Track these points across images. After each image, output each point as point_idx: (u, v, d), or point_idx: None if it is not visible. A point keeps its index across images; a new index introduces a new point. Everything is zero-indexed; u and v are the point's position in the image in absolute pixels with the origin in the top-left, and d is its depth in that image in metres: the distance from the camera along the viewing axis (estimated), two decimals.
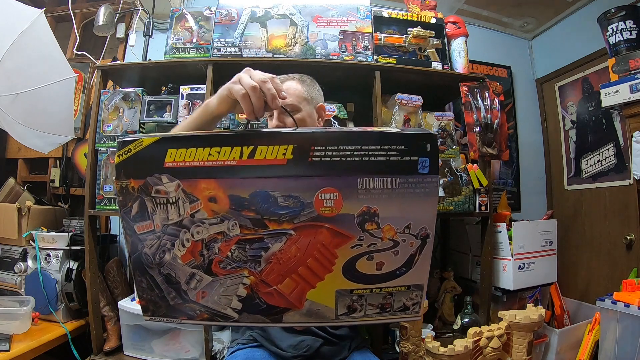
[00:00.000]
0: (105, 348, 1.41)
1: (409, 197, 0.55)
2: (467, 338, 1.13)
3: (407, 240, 0.57)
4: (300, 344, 0.93)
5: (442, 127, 1.53)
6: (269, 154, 0.54)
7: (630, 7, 1.53)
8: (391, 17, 1.62)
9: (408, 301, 0.61)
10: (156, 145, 0.55)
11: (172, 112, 1.47)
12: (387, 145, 0.54)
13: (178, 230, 0.57)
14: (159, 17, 1.89)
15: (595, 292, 1.72)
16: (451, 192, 1.48)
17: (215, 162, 0.54)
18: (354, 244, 0.56)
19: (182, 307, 0.61)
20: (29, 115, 1.53)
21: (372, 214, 0.55)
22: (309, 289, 0.58)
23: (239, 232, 0.56)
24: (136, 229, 0.57)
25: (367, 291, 0.59)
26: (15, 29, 1.39)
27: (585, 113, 1.96)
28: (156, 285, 0.60)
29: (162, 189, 0.55)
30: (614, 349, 1.27)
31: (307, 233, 0.56)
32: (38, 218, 1.61)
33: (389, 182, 0.54)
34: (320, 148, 0.53)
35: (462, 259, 1.80)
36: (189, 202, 0.56)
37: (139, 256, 0.59)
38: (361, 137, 0.55)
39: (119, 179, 0.56)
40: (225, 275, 0.58)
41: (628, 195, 1.68)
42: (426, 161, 0.54)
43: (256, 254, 0.57)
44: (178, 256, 0.58)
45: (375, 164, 0.54)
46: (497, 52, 2.25)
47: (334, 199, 0.54)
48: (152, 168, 0.55)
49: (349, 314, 0.60)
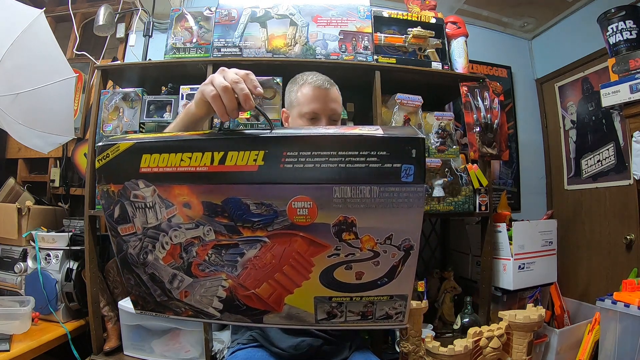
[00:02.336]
0: (105, 348, 1.41)
1: (390, 207, 0.50)
2: (467, 338, 1.13)
3: (389, 252, 0.53)
4: (301, 344, 0.93)
5: (442, 127, 1.53)
6: (240, 160, 0.51)
7: (630, 7, 1.53)
8: (391, 17, 1.62)
9: (391, 310, 0.58)
10: (131, 150, 0.55)
11: (172, 112, 1.47)
12: (367, 151, 0.49)
13: (157, 233, 0.57)
14: (159, 17, 1.89)
15: (595, 292, 1.72)
16: (451, 192, 1.48)
17: (187, 167, 0.53)
18: (331, 254, 0.54)
19: (168, 304, 0.62)
20: (29, 115, 1.53)
21: (349, 224, 0.52)
22: (286, 294, 0.57)
23: (214, 238, 0.56)
24: (120, 230, 0.58)
25: (346, 299, 0.57)
26: (15, 28, 1.39)
27: (585, 113, 1.96)
28: (142, 283, 0.61)
29: (140, 194, 0.55)
30: (614, 349, 1.27)
31: (282, 241, 0.54)
32: (38, 218, 1.61)
33: (368, 191, 0.50)
34: (293, 154, 0.50)
35: (462, 259, 1.80)
36: (165, 207, 0.55)
37: (124, 256, 0.60)
38: (338, 141, 0.51)
39: (99, 183, 0.57)
40: (205, 277, 0.58)
41: (628, 195, 1.68)
42: (410, 169, 0.49)
43: (232, 259, 0.56)
44: (159, 257, 0.58)
45: (352, 172, 0.49)
46: (497, 52, 2.25)
47: (308, 208, 0.51)
48: (129, 173, 0.55)
49: (329, 319, 0.59)
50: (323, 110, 0.95)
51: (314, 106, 0.95)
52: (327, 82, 1.00)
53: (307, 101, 0.96)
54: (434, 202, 1.45)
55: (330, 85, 1.01)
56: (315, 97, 0.96)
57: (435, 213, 1.46)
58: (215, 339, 1.41)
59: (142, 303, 0.63)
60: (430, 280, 1.65)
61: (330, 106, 0.96)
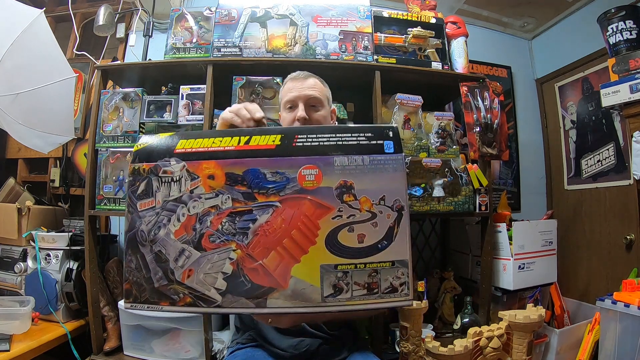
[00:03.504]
0: (105, 348, 1.41)
1: (380, 172, 0.63)
2: (467, 338, 1.13)
3: (384, 212, 0.63)
4: (300, 344, 0.93)
5: (442, 127, 1.53)
6: (261, 141, 0.65)
7: (630, 7, 1.53)
8: (391, 17, 1.62)
9: (395, 280, 0.63)
10: (171, 137, 0.68)
11: (172, 112, 1.47)
12: (357, 133, 0.65)
13: (176, 205, 0.65)
14: (159, 17, 1.89)
15: (595, 292, 1.72)
16: (451, 192, 1.48)
17: (217, 147, 0.65)
18: (335, 215, 0.62)
19: (166, 290, 0.63)
20: (29, 115, 1.53)
21: (348, 186, 0.63)
22: (293, 263, 0.62)
23: (231, 205, 0.64)
24: (139, 206, 0.65)
25: (351, 267, 0.62)
26: (15, 28, 1.39)
27: (585, 113, 1.96)
28: (145, 264, 0.64)
29: (169, 169, 0.65)
30: (614, 349, 1.27)
31: (292, 204, 0.62)
32: (38, 218, 1.61)
33: (361, 159, 0.63)
34: (302, 137, 0.65)
35: (462, 259, 1.80)
36: (190, 180, 0.65)
37: (134, 234, 0.65)
38: (335, 129, 0.67)
39: (134, 162, 0.67)
40: (214, 249, 0.63)
41: (628, 195, 1.68)
42: (390, 143, 0.64)
43: (244, 226, 0.63)
44: (172, 231, 0.64)
45: (348, 147, 0.64)
46: (497, 52, 2.25)
47: (315, 174, 0.63)
48: (164, 154, 0.66)
49: (335, 295, 0.62)
50: (299, 97, 1.02)
51: (291, 95, 1.03)
52: (303, 74, 1.07)
53: (286, 93, 1.05)
54: (434, 202, 1.45)
55: (307, 76, 1.06)
56: (292, 87, 1.04)
57: (435, 213, 1.46)
58: (215, 339, 1.41)
59: (137, 292, 0.64)
60: (430, 280, 1.65)
61: (305, 92, 1.02)
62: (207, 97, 1.42)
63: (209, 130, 0.67)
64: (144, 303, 0.64)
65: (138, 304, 0.64)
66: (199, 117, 1.43)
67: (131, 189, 0.66)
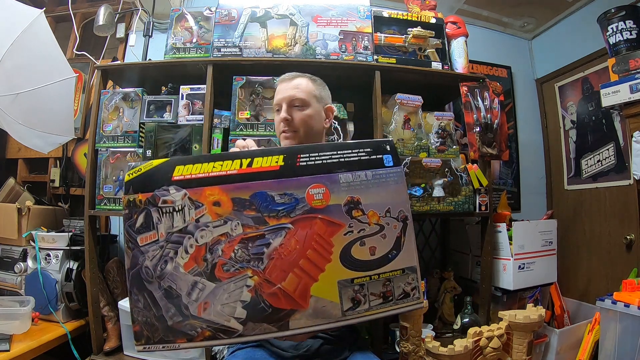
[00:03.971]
0: (105, 348, 1.41)
1: (383, 185, 0.66)
2: (467, 338, 1.13)
3: (391, 224, 0.66)
4: (301, 344, 0.93)
5: (442, 127, 1.53)
6: (264, 163, 0.64)
7: (630, 7, 1.53)
8: (391, 17, 1.62)
9: (406, 286, 0.65)
10: (166, 163, 0.64)
11: (172, 112, 1.47)
12: (357, 149, 0.67)
13: (182, 237, 0.62)
14: (159, 17, 1.89)
15: (595, 292, 1.72)
16: (451, 192, 1.47)
17: (219, 172, 0.63)
18: (346, 231, 0.64)
19: (182, 326, 0.60)
20: (29, 115, 1.53)
21: (356, 202, 0.65)
22: (312, 283, 0.62)
23: (241, 231, 0.62)
24: (139, 240, 0.62)
25: (366, 279, 0.64)
26: (15, 29, 1.39)
27: (585, 113, 1.96)
28: (154, 302, 0.60)
29: (169, 199, 0.62)
30: (614, 349, 1.27)
31: (304, 225, 0.63)
32: (38, 218, 1.61)
33: (364, 174, 0.66)
34: (305, 156, 0.65)
35: (462, 259, 1.80)
36: (195, 208, 0.62)
37: (138, 271, 0.61)
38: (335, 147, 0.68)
39: (127, 193, 0.63)
40: (229, 279, 0.61)
41: (628, 195, 1.68)
42: (389, 157, 0.67)
43: (259, 251, 0.62)
44: (181, 264, 0.61)
45: (350, 163, 0.66)
46: (497, 52, 2.25)
47: (323, 193, 0.64)
48: (161, 182, 0.63)
49: (354, 308, 0.63)
50: (282, 99, 1.03)
51: (277, 97, 1.04)
52: (290, 75, 1.07)
53: (275, 95, 1.06)
54: (434, 202, 1.45)
55: (293, 76, 1.06)
56: (279, 89, 1.05)
57: (435, 213, 1.46)
58: None
59: (149, 332, 0.60)
60: (430, 280, 1.65)
61: (288, 94, 1.02)
62: (207, 97, 1.42)
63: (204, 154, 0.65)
64: (158, 343, 0.60)
65: (151, 344, 0.60)
66: (199, 117, 1.43)
67: (128, 222, 0.62)
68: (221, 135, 1.42)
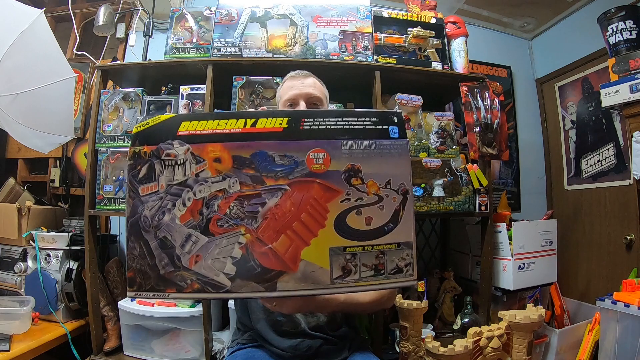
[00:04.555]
0: (105, 348, 1.41)
1: (386, 156, 0.65)
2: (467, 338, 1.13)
3: (390, 196, 0.64)
4: (300, 344, 0.93)
5: (442, 127, 1.53)
6: (268, 124, 0.64)
7: (630, 7, 1.53)
8: (391, 17, 1.62)
9: (400, 261, 0.64)
10: (172, 119, 0.65)
11: (172, 112, 1.47)
12: (363, 118, 0.66)
13: (181, 189, 0.63)
14: (159, 17, 1.89)
15: (595, 292, 1.72)
16: (451, 192, 1.47)
17: (223, 129, 0.63)
18: (343, 198, 0.63)
19: (173, 277, 0.62)
20: (29, 115, 1.53)
21: (356, 170, 0.64)
22: (303, 246, 0.62)
23: (239, 189, 0.62)
24: (140, 190, 0.63)
25: (359, 249, 0.63)
26: (15, 28, 1.39)
27: (585, 113, 1.96)
28: (149, 251, 0.62)
29: (172, 152, 0.63)
30: (614, 349, 1.27)
31: (301, 188, 0.63)
32: (38, 218, 1.61)
33: (367, 144, 0.64)
34: (309, 120, 0.64)
35: (462, 259, 1.80)
36: (196, 163, 0.63)
37: (136, 220, 0.62)
38: (342, 113, 0.67)
39: (134, 145, 0.64)
40: (222, 234, 0.62)
41: (628, 195, 1.68)
42: (395, 129, 0.66)
43: (253, 210, 0.62)
44: (177, 216, 0.62)
45: (354, 131, 0.65)
46: (497, 52, 2.25)
47: (323, 158, 0.63)
48: (166, 136, 0.64)
49: (344, 276, 0.63)
50: (300, 95, 1.03)
51: (292, 93, 1.04)
52: (302, 73, 1.09)
53: (286, 90, 1.06)
54: (434, 202, 1.45)
55: (306, 75, 1.09)
56: (292, 85, 1.06)
57: (435, 213, 1.46)
58: (215, 339, 1.41)
59: (141, 280, 0.62)
60: (430, 280, 1.65)
61: (305, 90, 1.04)
62: (207, 97, 1.42)
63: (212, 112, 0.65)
64: (149, 291, 0.62)
65: (143, 292, 0.62)
66: None
67: (132, 173, 0.63)
68: None
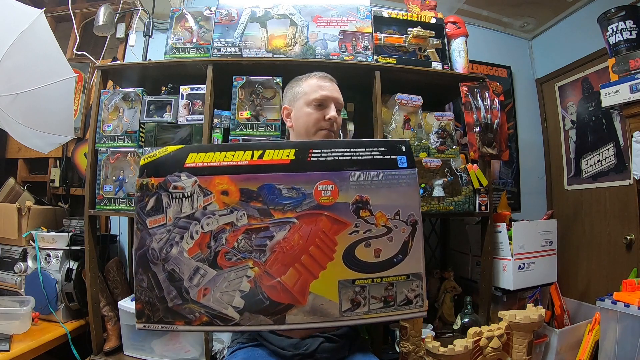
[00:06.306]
0: (105, 348, 1.41)
1: (394, 187, 0.64)
2: (467, 338, 1.13)
3: (399, 227, 0.64)
4: (300, 343, 0.93)
5: (442, 127, 1.53)
6: (275, 156, 0.64)
7: (630, 7, 1.53)
8: (391, 17, 1.62)
9: (410, 293, 0.64)
10: (180, 150, 0.65)
11: (172, 112, 1.47)
12: (371, 148, 0.66)
13: (189, 222, 0.63)
14: (159, 17, 1.89)
15: (595, 292, 1.72)
16: (451, 192, 1.47)
17: (230, 162, 0.64)
18: (352, 230, 0.63)
19: (181, 309, 0.62)
20: (29, 115, 1.53)
21: (364, 202, 0.63)
22: (312, 279, 0.62)
23: (246, 222, 0.63)
24: (148, 223, 0.63)
25: (368, 281, 0.63)
26: (15, 28, 1.39)
27: (585, 113, 1.96)
28: (157, 284, 0.62)
29: (180, 185, 0.64)
30: (614, 349, 1.27)
31: (309, 221, 0.63)
32: (38, 218, 1.61)
33: (376, 175, 0.64)
34: (317, 151, 0.65)
35: (462, 259, 1.80)
36: (203, 196, 0.63)
37: (144, 252, 0.62)
38: (349, 144, 0.67)
39: (141, 176, 0.65)
40: (230, 267, 0.62)
41: (628, 195, 1.68)
42: (404, 158, 0.66)
43: (261, 243, 0.63)
44: (185, 249, 0.62)
45: (362, 162, 0.65)
46: (497, 52, 2.25)
47: (331, 190, 0.63)
48: (173, 168, 0.64)
49: (353, 309, 0.62)
50: (331, 98, 1.02)
51: (323, 93, 1.02)
52: (329, 76, 1.09)
53: (315, 89, 1.03)
54: (434, 202, 1.45)
55: (332, 79, 1.09)
56: (323, 86, 1.03)
57: (435, 213, 1.46)
58: (215, 339, 1.41)
59: (150, 312, 0.62)
60: (430, 280, 1.65)
61: (335, 95, 1.03)
62: (207, 97, 1.42)
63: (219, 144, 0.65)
64: (157, 323, 0.62)
65: (151, 324, 0.62)
66: (199, 117, 1.43)
67: (140, 205, 0.64)
68: (221, 135, 1.42)
